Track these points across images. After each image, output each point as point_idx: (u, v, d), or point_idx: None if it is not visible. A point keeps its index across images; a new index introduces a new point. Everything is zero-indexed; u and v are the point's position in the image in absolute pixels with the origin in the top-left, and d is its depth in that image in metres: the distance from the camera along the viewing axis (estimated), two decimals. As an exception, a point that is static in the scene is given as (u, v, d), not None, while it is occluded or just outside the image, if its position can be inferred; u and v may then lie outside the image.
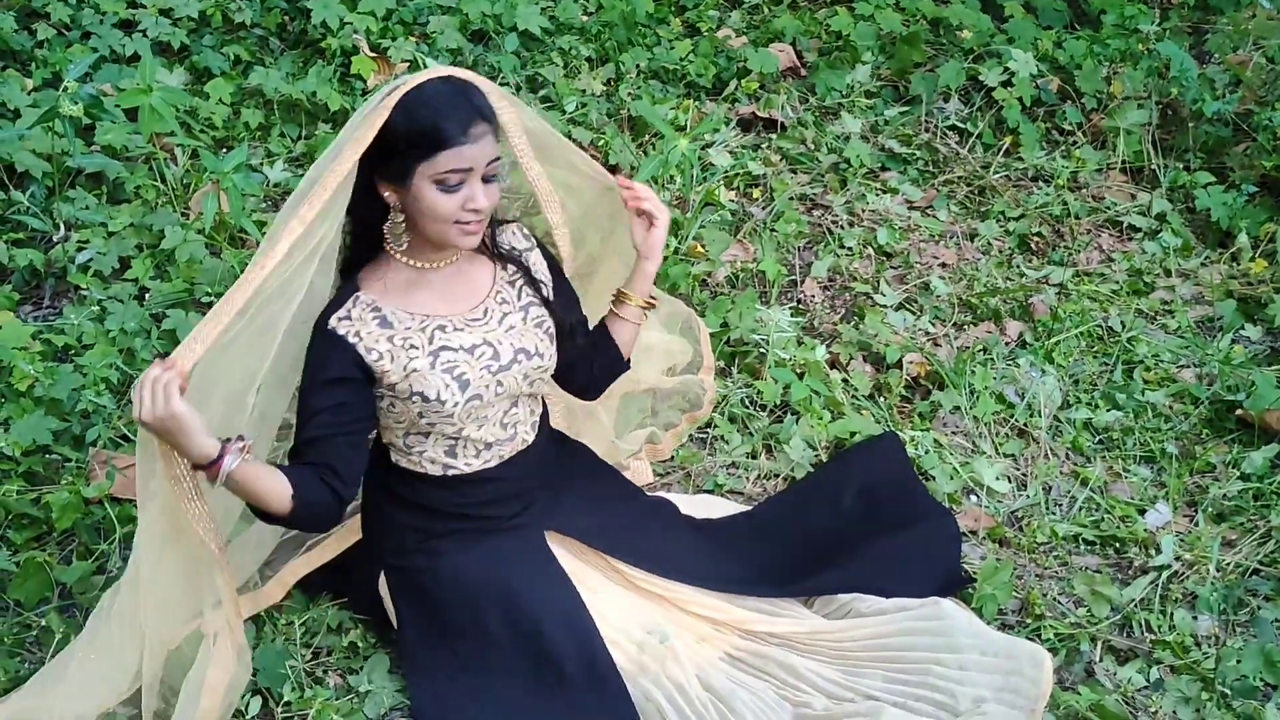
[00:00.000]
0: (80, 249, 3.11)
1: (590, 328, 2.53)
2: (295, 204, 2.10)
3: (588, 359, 2.50)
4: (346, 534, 2.51)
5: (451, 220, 2.14)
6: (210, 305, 3.01)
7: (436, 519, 2.33)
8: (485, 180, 2.15)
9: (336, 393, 2.19)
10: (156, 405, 1.91)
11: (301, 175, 3.55)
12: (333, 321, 2.20)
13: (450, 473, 2.31)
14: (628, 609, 2.36)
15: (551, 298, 2.40)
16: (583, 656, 2.25)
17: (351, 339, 2.19)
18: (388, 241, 2.25)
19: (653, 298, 2.54)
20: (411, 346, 2.21)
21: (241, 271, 3.05)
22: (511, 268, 2.37)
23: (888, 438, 2.97)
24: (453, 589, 2.30)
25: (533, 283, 2.38)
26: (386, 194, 2.17)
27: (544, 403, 2.46)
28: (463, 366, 2.22)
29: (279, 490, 2.10)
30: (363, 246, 2.27)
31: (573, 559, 2.38)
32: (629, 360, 2.56)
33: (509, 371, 2.27)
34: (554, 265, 2.46)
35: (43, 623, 2.41)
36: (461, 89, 2.15)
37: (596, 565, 2.41)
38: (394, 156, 2.11)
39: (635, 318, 2.52)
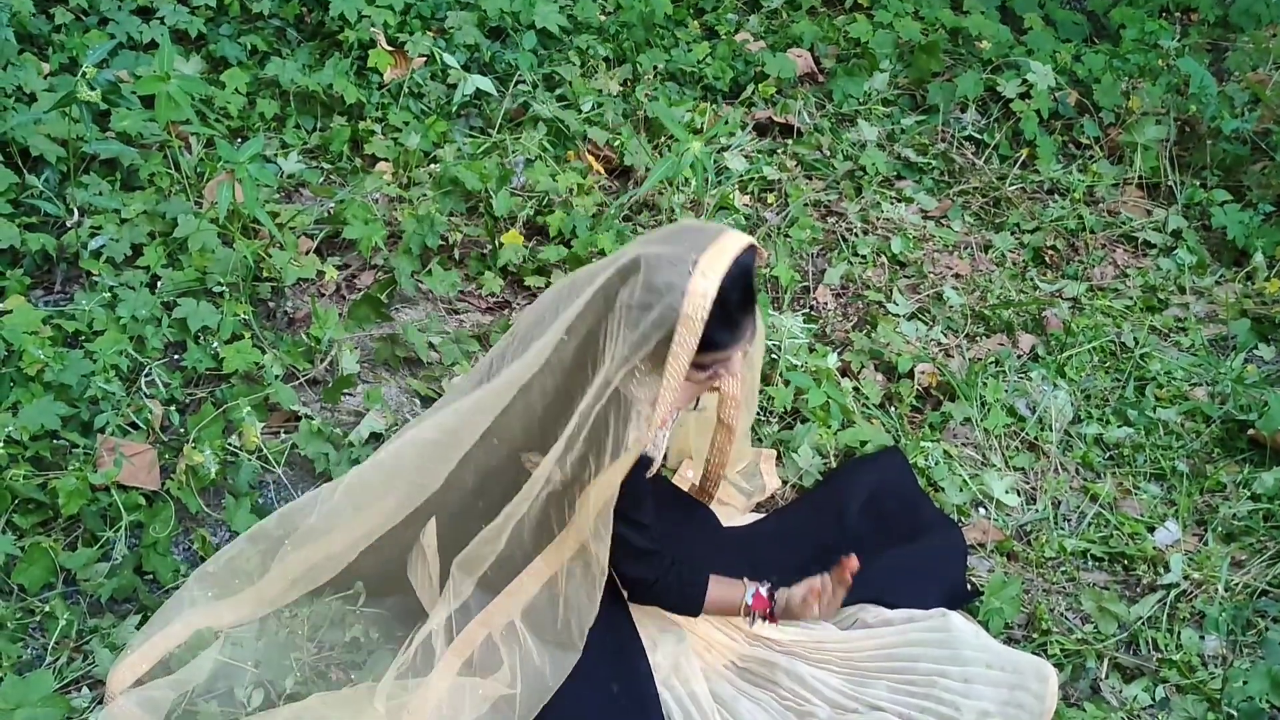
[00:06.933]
0: (93, 235, 3.10)
1: None
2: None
3: None
4: None
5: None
6: (221, 295, 3.01)
7: None
8: None
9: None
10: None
11: (317, 167, 3.57)
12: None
13: None
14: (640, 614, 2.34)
15: None
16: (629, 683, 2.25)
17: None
18: None
19: None
20: None
21: (253, 262, 3.07)
22: None
23: (892, 451, 2.95)
24: None
25: None
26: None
27: None
28: None
29: None
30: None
31: None
32: None
33: None
34: None
35: (46, 608, 2.41)
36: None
37: None
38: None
39: None
